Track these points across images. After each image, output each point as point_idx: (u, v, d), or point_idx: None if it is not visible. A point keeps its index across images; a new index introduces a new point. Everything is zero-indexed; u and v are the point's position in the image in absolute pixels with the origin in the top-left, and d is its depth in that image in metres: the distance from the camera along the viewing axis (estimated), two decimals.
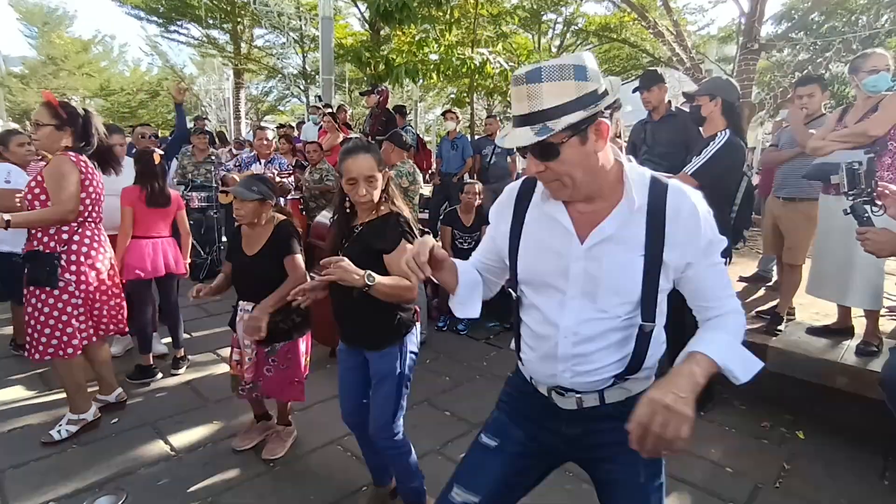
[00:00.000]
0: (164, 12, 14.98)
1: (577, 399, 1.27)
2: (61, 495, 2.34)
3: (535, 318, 1.29)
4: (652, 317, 1.19)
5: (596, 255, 1.17)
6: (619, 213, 1.16)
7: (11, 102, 21.55)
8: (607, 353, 1.22)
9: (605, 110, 1.09)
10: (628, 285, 1.17)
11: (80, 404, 2.82)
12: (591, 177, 1.13)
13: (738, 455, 2.70)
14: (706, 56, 13.15)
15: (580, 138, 1.08)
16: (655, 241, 1.14)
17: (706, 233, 1.16)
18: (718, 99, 2.89)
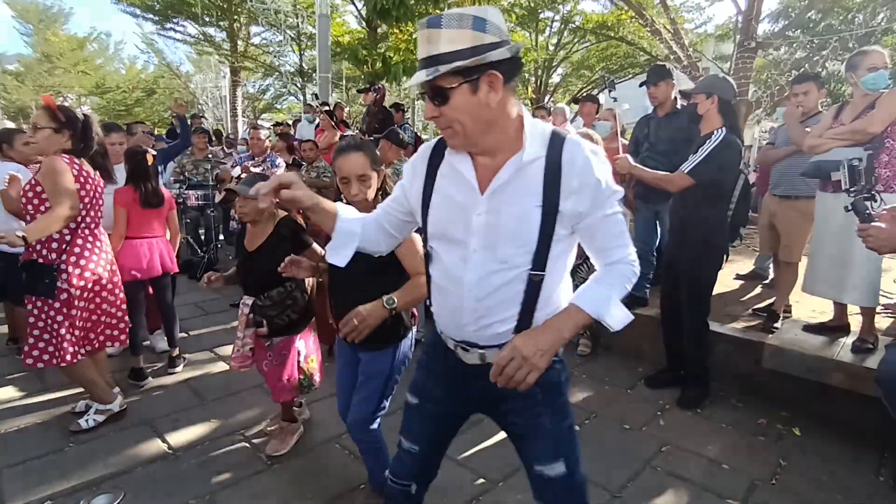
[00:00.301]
0: (159, 10, 14.91)
1: (480, 354, 1.33)
2: (58, 493, 2.33)
3: (442, 273, 1.33)
4: (542, 266, 1.23)
5: (495, 207, 1.22)
6: (514, 163, 1.20)
7: (7, 100, 21.46)
8: (506, 307, 1.27)
9: (499, 64, 1.12)
10: (525, 234, 1.21)
11: (103, 397, 2.86)
12: (483, 127, 1.18)
13: (735, 452, 2.71)
14: (703, 54, 13.16)
15: (471, 86, 1.12)
16: (552, 190, 1.19)
17: (599, 183, 1.20)
18: (715, 97, 2.90)
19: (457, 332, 1.34)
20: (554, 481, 1.36)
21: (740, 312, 3.86)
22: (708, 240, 3.00)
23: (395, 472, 1.56)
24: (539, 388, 1.31)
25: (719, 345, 3.40)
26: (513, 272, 1.24)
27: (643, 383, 3.48)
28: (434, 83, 1.14)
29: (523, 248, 1.22)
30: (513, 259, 1.23)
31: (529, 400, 1.34)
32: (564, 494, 1.38)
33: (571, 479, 1.37)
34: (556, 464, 1.35)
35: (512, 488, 2.41)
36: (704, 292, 3.11)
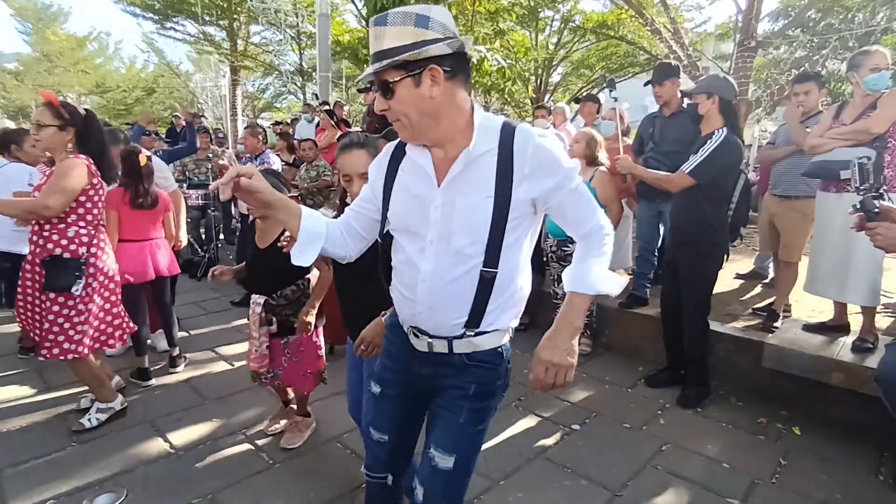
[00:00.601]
0: (159, 9, 14.90)
1: (429, 343, 1.39)
2: (61, 493, 2.34)
3: (402, 261, 1.38)
4: (494, 261, 1.27)
5: (450, 198, 1.27)
6: (464, 156, 1.24)
7: (6, 100, 21.44)
8: (458, 302, 1.31)
9: (441, 59, 1.17)
10: (476, 225, 1.25)
11: (105, 395, 2.88)
12: (429, 119, 1.23)
13: (735, 451, 2.72)
14: (703, 53, 13.17)
15: (413, 80, 1.18)
16: (504, 180, 1.24)
17: (554, 164, 1.25)
18: (716, 97, 2.90)
19: (410, 317, 1.40)
20: (440, 471, 1.39)
21: (740, 312, 3.87)
22: (708, 239, 3.01)
23: (369, 466, 1.60)
24: (475, 384, 1.39)
25: (719, 344, 3.41)
26: (466, 265, 1.28)
27: (643, 382, 3.49)
28: (380, 77, 1.20)
29: (475, 238, 1.26)
30: (465, 250, 1.27)
31: (460, 392, 1.40)
32: (442, 486, 1.42)
33: (454, 476, 1.41)
34: (448, 457, 1.38)
35: (513, 486, 2.42)
36: (705, 292, 3.12)
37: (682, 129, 3.66)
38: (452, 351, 1.38)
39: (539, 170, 1.24)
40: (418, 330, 1.40)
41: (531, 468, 2.57)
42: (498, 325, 1.37)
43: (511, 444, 2.76)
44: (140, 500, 2.31)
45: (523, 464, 2.59)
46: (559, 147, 1.27)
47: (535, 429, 2.93)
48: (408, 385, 1.50)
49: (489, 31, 8.11)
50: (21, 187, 3.49)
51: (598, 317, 4.02)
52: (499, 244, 1.27)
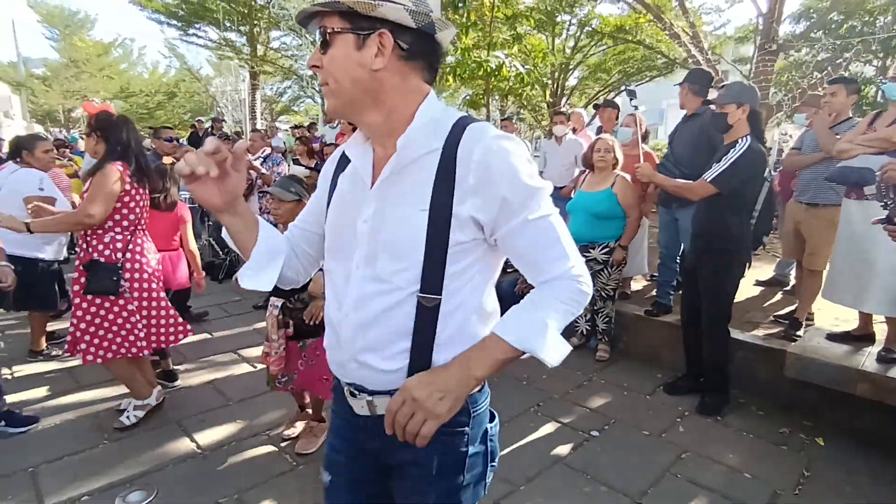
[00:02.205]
0: (183, 16, 15.23)
1: (368, 402, 1.05)
2: (94, 490, 2.41)
3: (329, 294, 1.10)
4: (436, 287, 0.96)
5: (380, 209, 0.98)
6: (396, 155, 0.97)
7: (34, 104, 22.00)
8: (391, 339, 1.00)
9: (397, 29, 0.93)
10: (406, 245, 0.96)
11: (140, 391, 2.96)
12: (364, 97, 0.96)
13: (757, 460, 2.70)
14: (722, 57, 13.04)
15: (356, 39, 0.92)
16: (442, 191, 0.94)
17: (508, 178, 0.93)
18: (746, 106, 2.89)
19: (341, 370, 1.08)
20: None
21: (761, 319, 3.84)
22: (730, 248, 3.00)
23: None
24: (437, 455, 1.04)
25: (740, 352, 3.39)
26: (395, 295, 0.98)
27: (662, 389, 3.48)
28: (324, 22, 0.94)
29: (405, 262, 0.96)
30: (392, 278, 0.97)
31: (421, 472, 1.06)
32: None
33: None
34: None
35: (533, 492, 2.44)
36: (725, 301, 3.10)
37: (690, 132, 3.72)
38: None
39: (486, 183, 0.93)
40: (354, 387, 1.07)
41: (551, 474, 2.58)
42: (442, 360, 1.01)
43: (530, 450, 2.78)
44: (169, 498, 2.38)
45: (543, 469, 2.61)
46: (522, 156, 0.95)
47: (553, 435, 2.94)
48: (358, 467, 1.15)
49: (507, 36, 8.14)
50: (31, 192, 3.53)
51: (616, 322, 4.02)
52: (439, 268, 0.96)
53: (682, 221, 3.78)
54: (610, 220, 3.74)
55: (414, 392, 0.94)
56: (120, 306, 2.77)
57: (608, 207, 3.71)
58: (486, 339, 0.99)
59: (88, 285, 2.69)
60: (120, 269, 2.73)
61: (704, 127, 3.55)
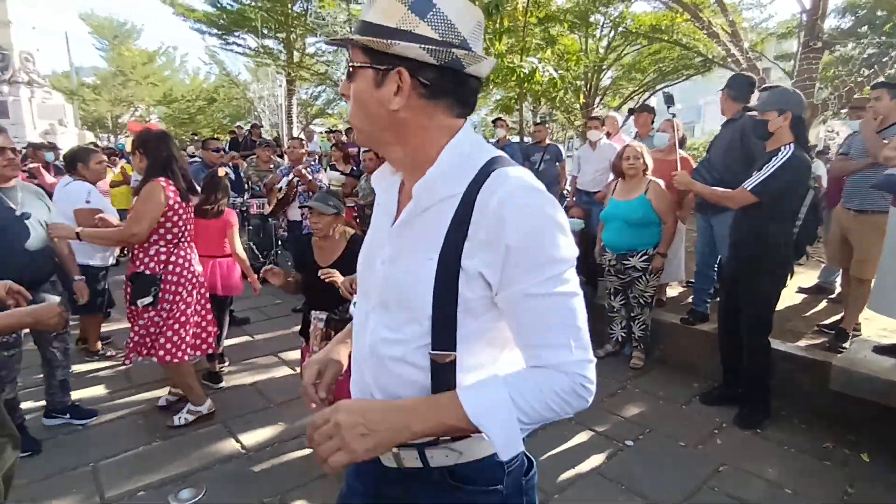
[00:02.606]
0: (223, 25, 15.74)
1: (395, 454, 0.95)
2: (149, 485, 2.57)
3: (353, 334, 1.06)
4: (448, 344, 0.87)
5: (396, 253, 0.93)
6: (416, 199, 0.90)
7: (85, 111, 23.06)
8: (410, 390, 0.92)
9: (418, 68, 0.84)
10: (412, 295, 0.88)
11: (196, 399, 3.14)
12: (381, 132, 0.91)
13: (798, 475, 2.65)
14: (763, 54, 12.63)
15: (375, 75, 0.86)
16: (455, 239, 0.85)
17: (526, 240, 0.81)
18: (788, 113, 2.82)
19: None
20: None
21: (804, 329, 3.75)
22: (771, 257, 2.95)
23: None
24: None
25: (781, 363, 3.32)
26: (405, 347, 0.90)
27: (698, 399, 3.43)
28: (350, 53, 0.90)
29: (411, 313, 0.89)
30: (403, 328, 0.90)
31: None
32: None
33: None
34: None
35: (567, 501, 2.46)
36: (765, 311, 3.05)
37: (725, 137, 3.67)
38: (428, 464, 0.94)
39: (497, 238, 0.82)
40: None
41: (585, 483, 2.60)
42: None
43: (564, 459, 2.80)
44: (216, 496, 2.51)
45: (577, 479, 2.63)
46: (548, 214, 0.83)
47: (588, 444, 2.95)
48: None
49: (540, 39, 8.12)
50: (79, 205, 3.71)
51: (652, 331, 3.98)
52: (451, 324, 0.86)
53: (718, 228, 3.72)
54: (646, 226, 3.72)
55: (340, 416, 0.82)
56: (165, 314, 2.91)
57: (643, 214, 3.68)
58: (443, 397, 0.85)
59: (132, 296, 2.87)
60: (159, 281, 2.86)
61: (738, 133, 3.50)
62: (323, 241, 2.69)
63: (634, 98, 16.12)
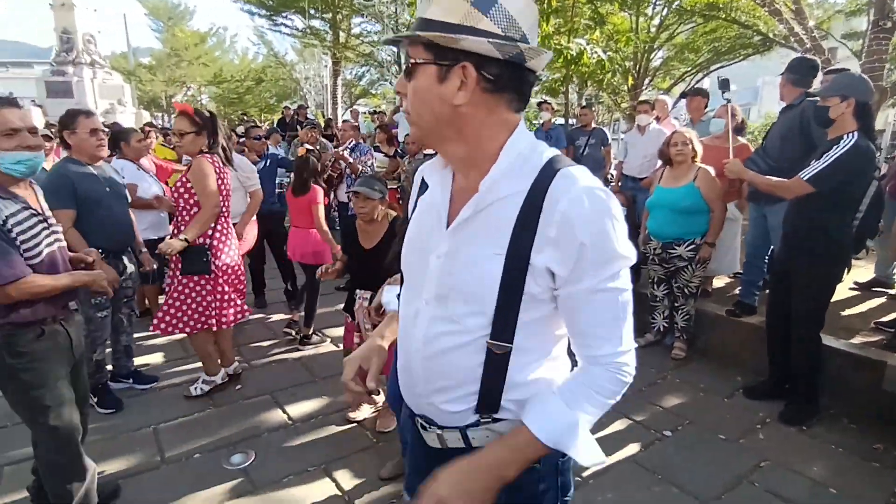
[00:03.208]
0: (271, 5, 16.04)
1: (439, 436, 1.05)
2: (203, 448, 2.75)
3: (401, 325, 1.11)
4: (507, 335, 0.93)
5: (455, 247, 0.96)
6: (477, 196, 0.93)
7: (141, 91, 24.00)
8: (460, 381, 0.99)
9: (483, 62, 0.87)
10: (478, 289, 0.93)
11: (211, 369, 3.28)
12: (442, 128, 0.92)
13: (844, 476, 2.58)
14: (829, 33, 11.85)
15: (438, 71, 0.88)
16: (523, 236, 0.89)
17: (594, 238, 0.86)
18: (852, 99, 2.68)
19: (413, 402, 1.10)
20: None
21: (859, 326, 3.59)
22: (827, 250, 2.83)
23: None
24: (505, 492, 0.99)
25: (832, 360, 3.20)
26: (464, 337, 0.96)
27: (742, 393, 3.37)
28: (411, 52, 0.90)
29: (475, 306, 0.94)
30: (464, 320, 0.95)
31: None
32: None
33: None
34: None
35: (601, 487, 2.48)
36: (819, 305, 2.94)
37: (781, 124, 3.53)
38: (470, 445, 1.02)
39: (568, 237, 0.87)
40: (426, 420, 1.07)
41: (619, 470, 2.61)
42: (511, 401, 0.99)
43: (600, 445, 2.79)
44: (265, 462, 2.66)
45: (613, 466, 2.64)
46: (612, 213, 0.88)
47: (625, 431, 2.95)
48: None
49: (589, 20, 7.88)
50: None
51: (696, 321, 3.90)
52: (513, 316, 0.93)
53: (771, 219, 3.59)
54: (693, 215, 3.62)
55: (442, 490, 0.92)
56: (202, 285, 3.05)
57: (692, 202, 3.58)
58: (519, 437, 0.93)
59: (184, 267, 3.00)
60: (208, 251, 3.01)
61: (797, 119, 3.34)
62: (368, 224, 2.76)
63: (686, 79, 15.48)
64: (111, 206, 2.94)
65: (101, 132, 2.89)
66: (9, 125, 1.77)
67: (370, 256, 2.73)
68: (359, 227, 2.82)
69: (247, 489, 2.46)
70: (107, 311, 2.99)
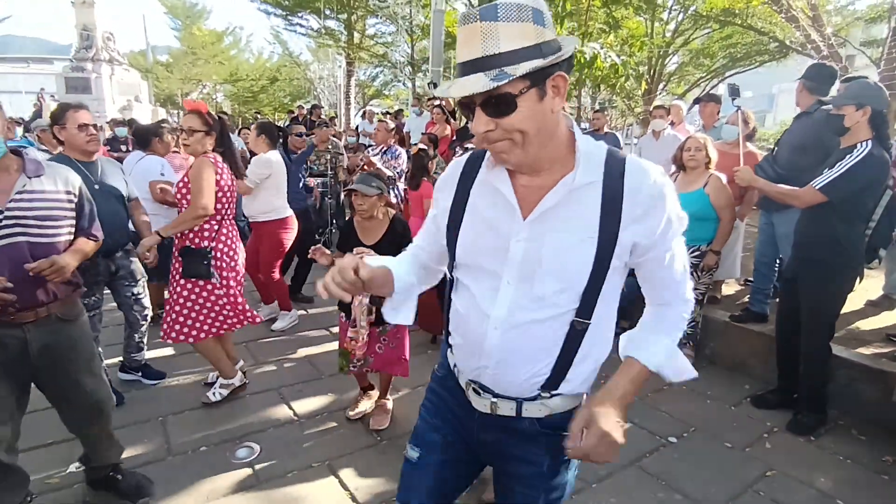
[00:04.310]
0: (287, 5, 16.21)
1: (492, 403, 1.18)
2: (210, 441, 2.78)
3: (467, 303, 1.18)
4: (588, 313, 1.08)
5: (538, 234, 1.06)
6: (565, 185, 1.03)
7: (158, 88, 24.31)
8: (538, 355, 1.12)
9: (565, 64, 0.98)
10: (572, 270, 1.05)
11: (226, 372, 3.20)
12: (544, 139, 1.01)
13: (853, 488, 2.55)
14: (847, 40, 11.71)
15: (538, 91, 0.95)
16: (610, 220, 1.03)
17: (668, 212, 1.05)
18: (868, 107, 2.65)
19: (473, 371, 1.19)
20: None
21: (870, 336, 3.55)
22: (838, 260, 2.80)
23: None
24: (549, 457, 1.19)
25: (842, 370, 3.17)
26: (550, 312, 1.08)
27: (749, 401, 3.34)
28: (497, 90, 0.93)
29: (566, 284, 1.06)
30: (552, 298, 1.07)
31: (533, 469, 1.20)
32: None
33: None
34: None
35: (605, 491, 2.48)
36: (829, 315, 2.91)
37: (794, 132, 3.51)
38: (521, 415, 1.16)
39: (653, 214, 1.03)
40: (480, 386, 1.19)
41: (624, 475, 2.60)
42: (580, 388, 1.17)
43: None
44: (270, 456, 2.68)
45: (616, 470, 2.63)
46: (675, 191, 1.08)
47: (630, 436, 2.87)
48: (461, 449, 1.29)
49: (603, 24, 7.86)
50: (155, 178, 3.94)
51: (703, 328, 3.88)
52: (596, 292, 1.07)
53: (780, 227, 3.56)
54: (701, 221, 3.59)
55: (614, 433, 1.04)
56: (209, 290, 2.98)
57: (700, 209, 3.55)
58: (632, 371, 1.13)
59: (184, 270, 2.94)
60: (209, 254, 2.94)
61: (811, 127, 3.31)
62: (367, 221, 2.75)
63: (701, 85, 15.38)
64: (98, 205, 2.72)
65: (90, 126, 2.81)
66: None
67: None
68: (357, 225, 2.81)
69: (251, 483, 2.48)
70: (96, 311, 2.92)
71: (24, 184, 1.85)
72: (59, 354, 1.96)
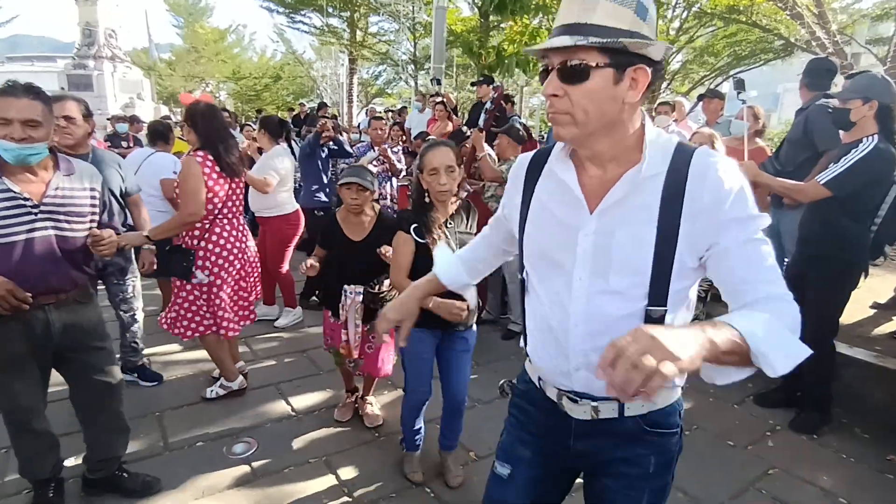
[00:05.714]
0: (290, 3, 16.19)
1: (594, 407, 1.12)
2: (207, 436, 2.76)
3: (543, 304, 1.16)
4: (662, 300, 1.03)
5: (607, 227, 1.04)
6: (630, 177, 1.02)
7: (161, 86, 24.32)
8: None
9: (651, 63, 0.97)
10: (639, 261, 1.02)
11: (229, 374, 3.15)
12: (605, 126, 1.00)
13: (856, 486, 2.52)
14: (853, 38, 11.62)
15: (616, 74, 0.95)
16: (671, 208, 1.00)
17: (738, 203, 0.98)
18: (874, 101, 2.61)
19: (563, 378, 1.15)
20: None
21: (875, 335, 3.51)
22: (843, 256, 2.76)
23: None
24: (654, 456, 1.14)
25: (847, 369, 3.13)
26: (628, 306, 1.05)
27: (752, 400, 3.30)
28: (575, 55, 0.94)
29: (637, 277, 1.03)
30: (626, 290, 1.04)
31: (638, 470, 1.15)
32: None
33: None
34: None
35: None
36: (832, 312, 2.87)
37: (794, 127, 3.47)
38: (624, 414, 1.11)
39: (718, 201, 0.97)
40: (576, 394, 1.14)
41: None
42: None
43: None
44: (267, 452, 2.66)
45: None
46: (746, 181, 1.01)
47: None
48: (555, 463, 1.25)
49: None
50: (167, 175, 3.89)
51: None
52: (665, 283, 1.02)
53: (783, 224, 3.52)
54: None
55: (651, 331, 0.76)
56: (200, 289, 2.90)
57: None
58: (723, 326, 0.85)
59: (159, 268, 2.89)
60: (192, 256, 2.82)
61: (801, 122, 3.28)
62: (356, 216, 2.69)
63: (705, 83, 15.31)
64: None
65: (62, 119, 2.61)
66: (2, 114, 1.76)
67: (361, 249, 2.64)
68: (344, 219, 2.71)
69: (248, 478, 2.46)
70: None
71: (59, 182, 1.97)
72: (78, 332, 2.07)
